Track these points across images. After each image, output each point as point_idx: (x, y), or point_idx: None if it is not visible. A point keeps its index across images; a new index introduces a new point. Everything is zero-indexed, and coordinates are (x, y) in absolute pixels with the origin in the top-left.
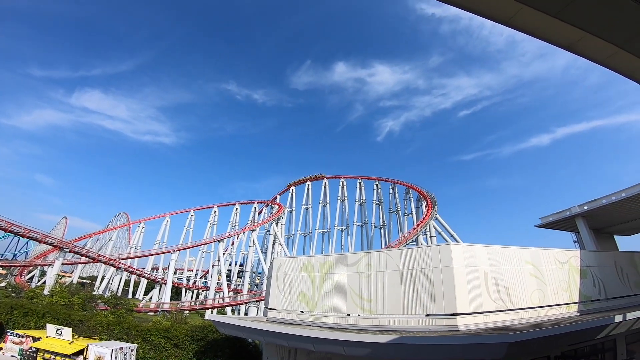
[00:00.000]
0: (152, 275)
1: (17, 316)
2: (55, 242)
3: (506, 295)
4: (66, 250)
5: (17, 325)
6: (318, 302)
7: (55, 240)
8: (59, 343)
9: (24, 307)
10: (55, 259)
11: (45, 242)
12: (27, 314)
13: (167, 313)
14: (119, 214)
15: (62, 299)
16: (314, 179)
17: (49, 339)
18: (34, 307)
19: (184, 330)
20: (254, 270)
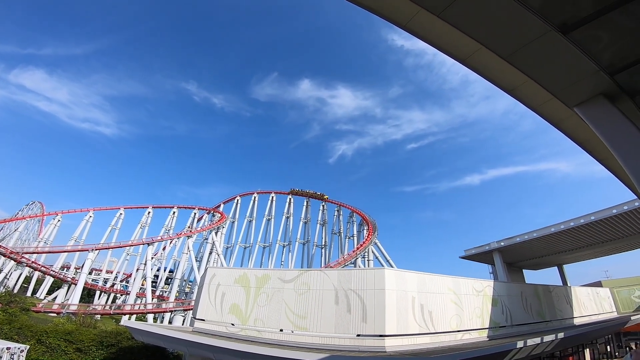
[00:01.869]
0: (60, 274)
1: None
2: None
3: (429, 319)
4: None
5: None
6: (251, 316)
7: None
8: None
9: None
10: None
11: None
12: None
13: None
14: (32, 202)
15: None
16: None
17: None
18: None
19: (92, 334)
20: (185, 278)
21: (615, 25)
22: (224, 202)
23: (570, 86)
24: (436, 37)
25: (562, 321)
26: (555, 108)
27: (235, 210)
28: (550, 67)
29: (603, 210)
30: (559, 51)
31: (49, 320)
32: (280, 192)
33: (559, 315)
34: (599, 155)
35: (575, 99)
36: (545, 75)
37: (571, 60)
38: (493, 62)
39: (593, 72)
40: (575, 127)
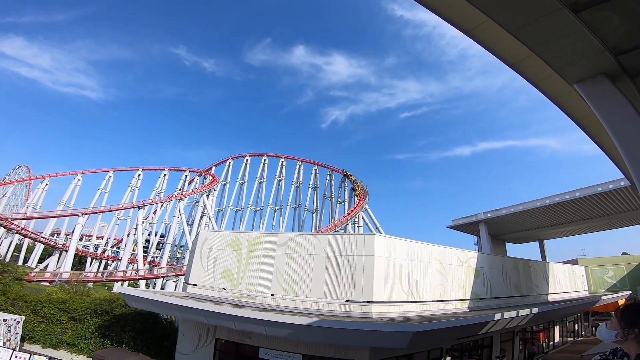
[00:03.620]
0: (50, 241)
1: None
2: None
3: (415, 287)
4: None
5: None
6: (243, 281)
7: None
8: None
9: None
10: None
11: None
12: None
13: (65, 284)
14: (18, 167)
15: None
16: (254, 155)
17: None
18: None
19: (86, 302)
20: (176, 243)
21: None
22: (216, 164)
23: (574, 63)
24: (443, 7)
25: (537, 296)
26: (555, 84)
27: (227, 173)
28: (556, 43)
29: (588, 187)
30: (567, 29)
31: (42, 289)
32: (272, 155)
33: (535, 291)
34: (592, 132)
35: (577, 76)
36: (549, 51)
37: (578, 39)
38: (498, 35)
39: (598, 51)
40: (572, 104)
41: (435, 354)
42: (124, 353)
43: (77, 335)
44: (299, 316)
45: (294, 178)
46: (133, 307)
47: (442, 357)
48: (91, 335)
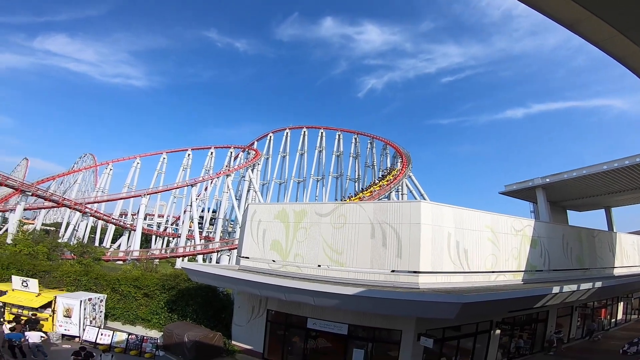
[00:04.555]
0: (120, 221)
1: None
2: (17, 184)
3: (464, 257)
4: (28, 194)
5: None
6: (291, 252)
7: (17, 183)
8: (25, 296)
9: None
10: (16, 203)
11: (6, 185)
12: None
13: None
14: (84, 155)
15: (26, 248)
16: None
17: (15, 292)
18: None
19: (155, 279)
20: (227, 218)
21: None
22: (257, 139)
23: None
24: None
25: (601, 270)
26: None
27: (268, 147)
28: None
29: None
30: None
31: (117, 268)
32: (311, 127)
33: (599, 264)
34: None
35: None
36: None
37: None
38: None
39: None
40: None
41: (484, 327)
42: (188, 326)
43: (149, 311)
44: (345, 286)
45: (334, 148)
46: (194, 281)
47: (491, 330)
48: (161, 310)
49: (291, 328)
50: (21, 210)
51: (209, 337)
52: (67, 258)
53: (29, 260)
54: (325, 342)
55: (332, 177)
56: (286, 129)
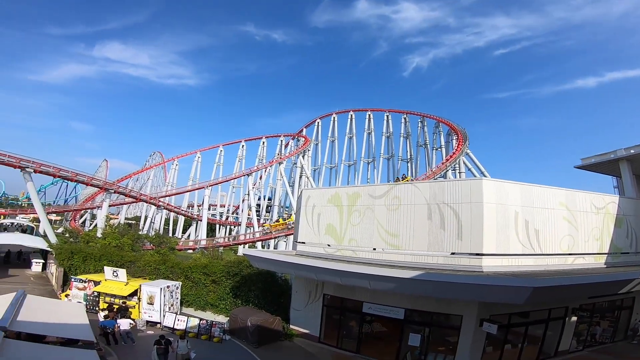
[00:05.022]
0: (188, 213)
1: (77, 261)
2: (101, 183)
3: (535, 238)
4: (111, 191)
5: (79, 270)
6: (345, 235)
7: (100, 182)
8: (116, 285)
9: (83, 251)
10: (102, 200)
11: (92, 185)
12: (86, 258)
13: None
14: (153, 153)
15: (114, 241)
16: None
17: (108, 282)
18: (91, 251)
19: (221, 266)
20: (282, 205)
21: None
22: (305, 126)
23: None
24: None
25: None
26: None
27: (317, 133)
28: None
29: None
30: None
31: (188, 256)
32: (357, 110)
33: None
34: None
35: None
36: None
37: None
38: None
39: None
40: None
41: (558, 313)
42: (251, 311)
43: (217, 297)
44: (402, 269)
45: (383, 129)
46: (255, 267)
47: (566, 317)
48: (227, 296)
49: (347, 312)
50: (107, 206)
51: (269, 322)
52: (147, 249)
53: (116, 252)
54: (381, 326)
55: (383, 159)
56: (332, 113)
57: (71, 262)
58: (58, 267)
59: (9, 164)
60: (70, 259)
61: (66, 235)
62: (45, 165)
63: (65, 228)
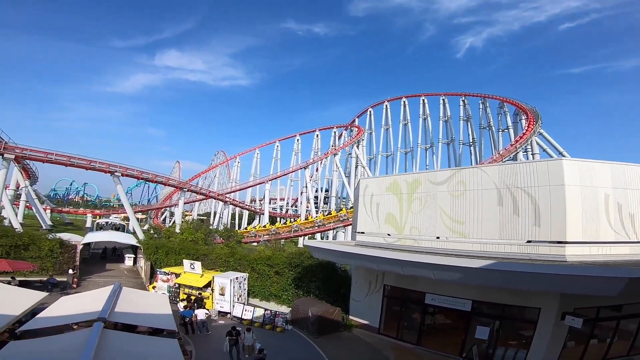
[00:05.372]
0: (251, 207)
1: (161, 255)
2: (176, 183)
3: (630, 224)
4: (185, 190)
5: (162, 263)
6: (406, 224)
7: (176, 182)
8: (193, 277)
9: (165, 246)
10: (178, 199)
11: (169, 185)
12: (168, 252)
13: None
14: (217, 152)
15: (190, 236)
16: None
17: (186, 274)
18: (172, 245)
19: (283, 257)
20: (339, 195)
21: None
22: (357, 116)
23: None
24: None
25: None
26: None
27: (369, 122)
28: None
29: None
30: None
31: (253, 249)
32: (410, 96)
33: None
34: None
35: None
36: None
37: None
38: None
39: None
40: None
41: None
42: (312, 301)
43: (280, 288)
44: (470, 259)
45: (440, 113)
46: (316, 257)
47: None
48: (289, 287)
49: (408, 303)
50: (182, 204)
51: (329, 312)
52: (218, 242)
53: (192, 246)
54: (444, 318)
55: (443, 144)
56: (384, 101)
57: (156, 256)
58: (146, 261)
59: (101, 169)
60: (155, 253)
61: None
62: (130, 169)
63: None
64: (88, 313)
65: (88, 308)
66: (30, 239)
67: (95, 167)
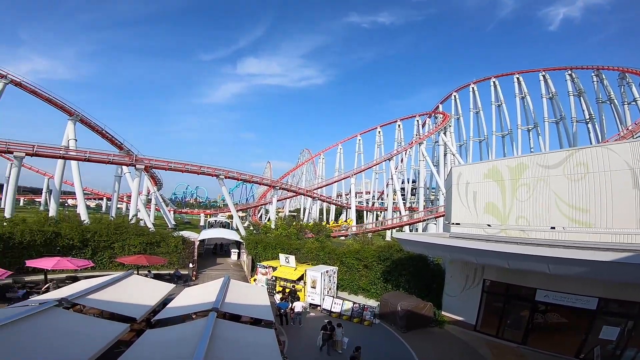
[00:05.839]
0: (338, 202)
1: (260, 250)
2: (269, 182)
3: None
4: (277, 188)
5: (261, 257)
6: (511, 214)
7: (269, 181)
8: (288, 270)
9: (263, 241)
10: (272, 197)
11: (263, 184)
12: (266, 247)
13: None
14: (303, 150)
15: (284, 231)
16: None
17: (282, 267)
18: (269, 241)
19: (372, 251)
20: (427, 186)
21: None
22: (441, 102)
23: None
24: None
25: None
26: None
27: (455, 107)
28: None
29: None
30: None
31: (341, 243)
32: (500, 75)
33: None
34: None
35: None
36: None
37: None
38: None
39: None
40: None
41: None
42: (401, 295)
43: (368, 281)
44: (597, 251)
45: (542, 90)
46: (407, 250)
47: None
48: (377, 281)
49: (513, 300)
50: (275, 201)
51: (419, 307)
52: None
53: (286, 241)
54: (559, 317)
55: (550, 123)
56: (470, 84)
57: (256, 251)
58: (247, 255)
59: (208, 173)
60: (255, 248)
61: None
62: (231, 171)
63: (249, 222)
64: (204, 304)
65: (204, 299)
66: (161, 237)
67: (204, 171)
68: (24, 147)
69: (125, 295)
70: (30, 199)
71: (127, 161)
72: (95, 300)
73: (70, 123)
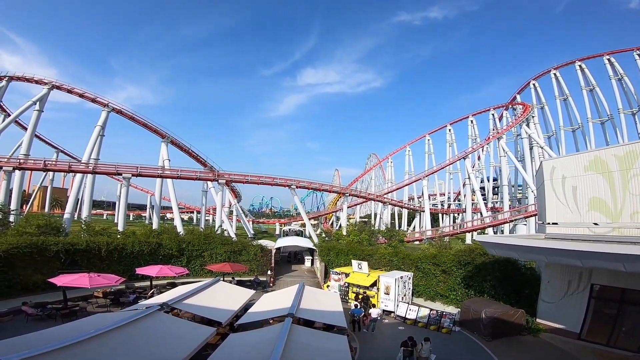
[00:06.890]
0: (410, 205)
1: (332, 256)
2: (339, 189)
3: None
4: (347, 195)
5: (334, 264)
6: (623, 210)
7: (338, 189)
8: (360, 277)
9: (336, 248)
10: (342, 204)
11: (333, 191)
12: (338, 254)
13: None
14: (370, 155)
15: (355, 237)
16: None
17: (354, 273)
18: (341, 247)
19: (450, 255)
20: (512, 184)
21: None
22: (518, 92)
23: None
24: None
25: None
26: None
27: (536, 96)
28: None
29: None
30: None
31: (416, 247)
32: (586, 58)
33: None
34: None
35: None
36: None
37: None
38: None
39: None
40: None
41: None
42: (486, 302)
43: (447, 287)
44: None
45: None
46: (492, 254)
47: None
48: (458, 287)
49: (630, 305)
50: (346, 208)
51: (509, 314)
52: (381, 242)
53: (358, 247)
54: None
55: None
56: (550, 70)
57: (328, 258)
58: (320, 262)
59: (280, 184)
60: (328, 255)
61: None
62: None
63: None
64: (281, 309)
65: (281, 305)
66: (242, 246)
67: (277, 183)
68: (129, 169)
69: (214, 301)
70: (137, 214)
71: (211, 177)
72: (189, 305)
73: (164, 145)
